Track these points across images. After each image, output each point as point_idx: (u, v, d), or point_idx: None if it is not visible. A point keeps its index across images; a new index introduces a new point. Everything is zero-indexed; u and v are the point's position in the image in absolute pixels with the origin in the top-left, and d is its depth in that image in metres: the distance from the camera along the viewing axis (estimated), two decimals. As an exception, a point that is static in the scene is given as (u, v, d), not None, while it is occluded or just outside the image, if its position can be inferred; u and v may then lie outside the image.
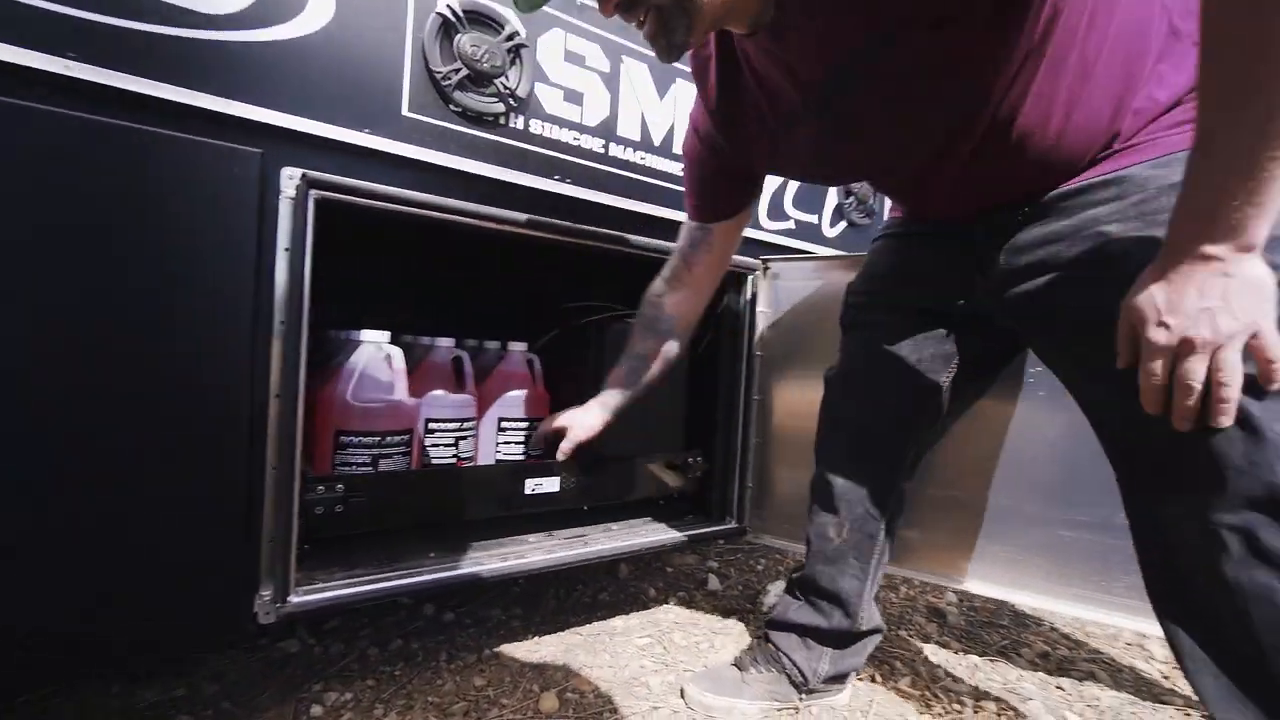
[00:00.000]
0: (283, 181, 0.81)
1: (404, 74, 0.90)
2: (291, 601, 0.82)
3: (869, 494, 0.98)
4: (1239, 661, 0.64)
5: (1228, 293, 0.53)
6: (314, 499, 0.90)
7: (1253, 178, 0.49)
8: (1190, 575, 0.66)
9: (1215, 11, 0.50)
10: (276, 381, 0.81)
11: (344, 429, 1.00)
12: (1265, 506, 0.58)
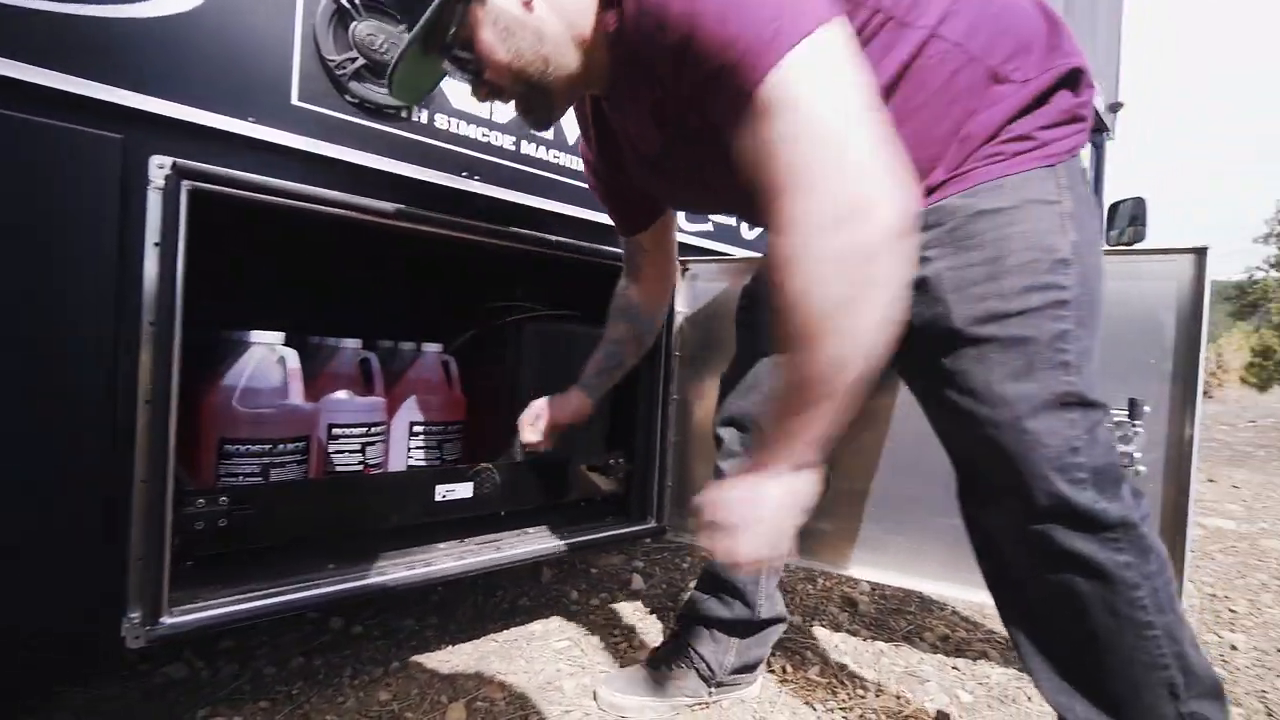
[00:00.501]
0: (151, 171, 0.75)
1: (293, 61, 0.86)
2: (165, 623, 0.76)
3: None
4: (1061, 655, 0.72)
5: (755, 501, 0.62)
6: (193, 513, 0.83)
7: (792, 426, 0.59)
8: (1019, 580, 0.73)
9: (779, 282, 0.56)
10: (146, 387, 0.75)
11: (229, 437, 0.94)
12: (1055, 513, 0.66)
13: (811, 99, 0.53)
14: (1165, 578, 0.68)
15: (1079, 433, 0.65)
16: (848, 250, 0.52)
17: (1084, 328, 0.68)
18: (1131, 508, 0.67)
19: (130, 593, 0.75)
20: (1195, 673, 0.67)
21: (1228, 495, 3.07)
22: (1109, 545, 0.66)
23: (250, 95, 0.82)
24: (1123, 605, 0.66)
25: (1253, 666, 1.24)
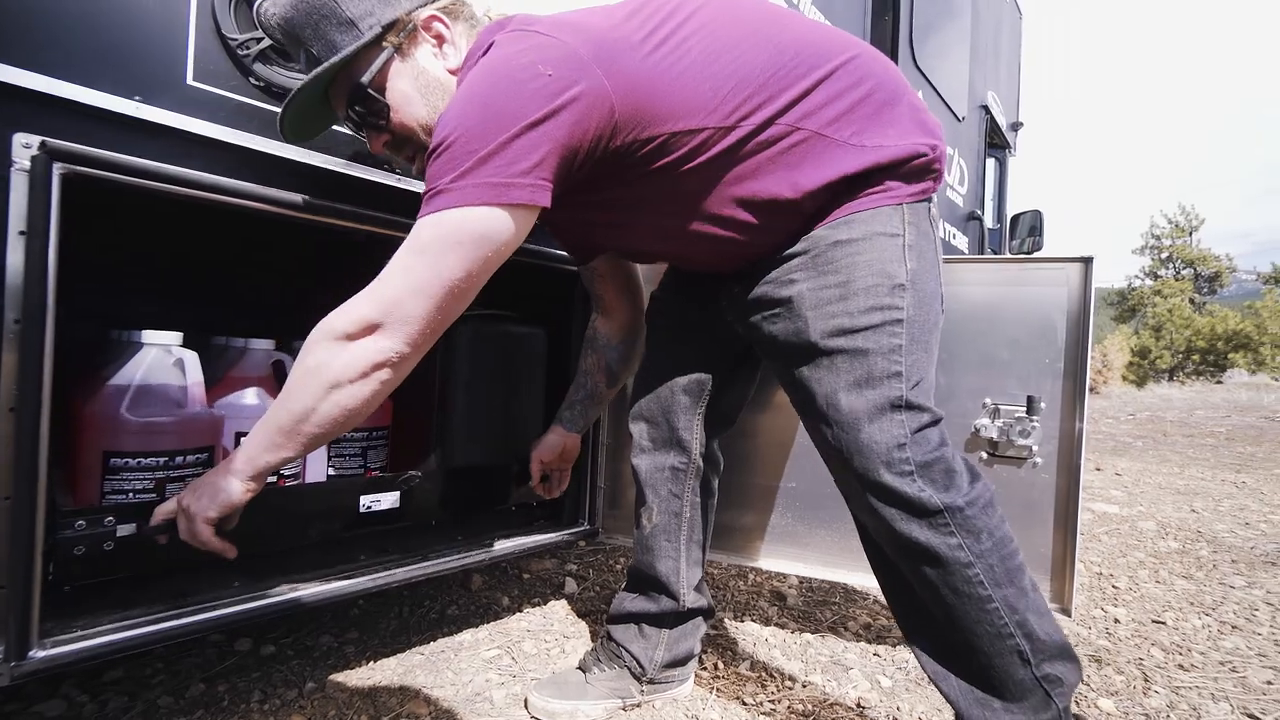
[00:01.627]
0: (15, 150, 0.67)
1: (188, 38, 0.79)
2: (36, 657, 0.68)
3: (669, 477, 1.03)
4: (929, 635, 0.80)
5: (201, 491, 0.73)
6: (72, 537, 0.74)
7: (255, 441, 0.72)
8: (887, 567, 0.83)
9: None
10: (10, 392, 0.67)
11: (115, 449, 0.85)
12: (888, 502, 0.75)
13: (432, 245, 0.70)
14: (1002, 554, 0.75)
15: (905, 433, 0.75)
16: (325, 372, 0.70)
17: (917, 344, 0.79)
18: (959, 495, 0.75)
19: (-9, 625, 0.67)
20: (1040, 638, 0.75)
21: (1112, 482, 3.38)
22: (940, 530, 0.74)
23: (137, 72, 0.75)
24: (960, 583, 0.74)
25: (1132, 637, 1.37)
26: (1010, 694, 0.75)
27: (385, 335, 0.70)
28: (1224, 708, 1.08)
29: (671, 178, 0.77)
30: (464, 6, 0.83)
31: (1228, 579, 1.79)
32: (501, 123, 0.66)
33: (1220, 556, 2.00)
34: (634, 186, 0.79)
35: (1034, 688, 0.74)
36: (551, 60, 0.68)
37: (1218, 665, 1.24)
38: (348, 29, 0.74)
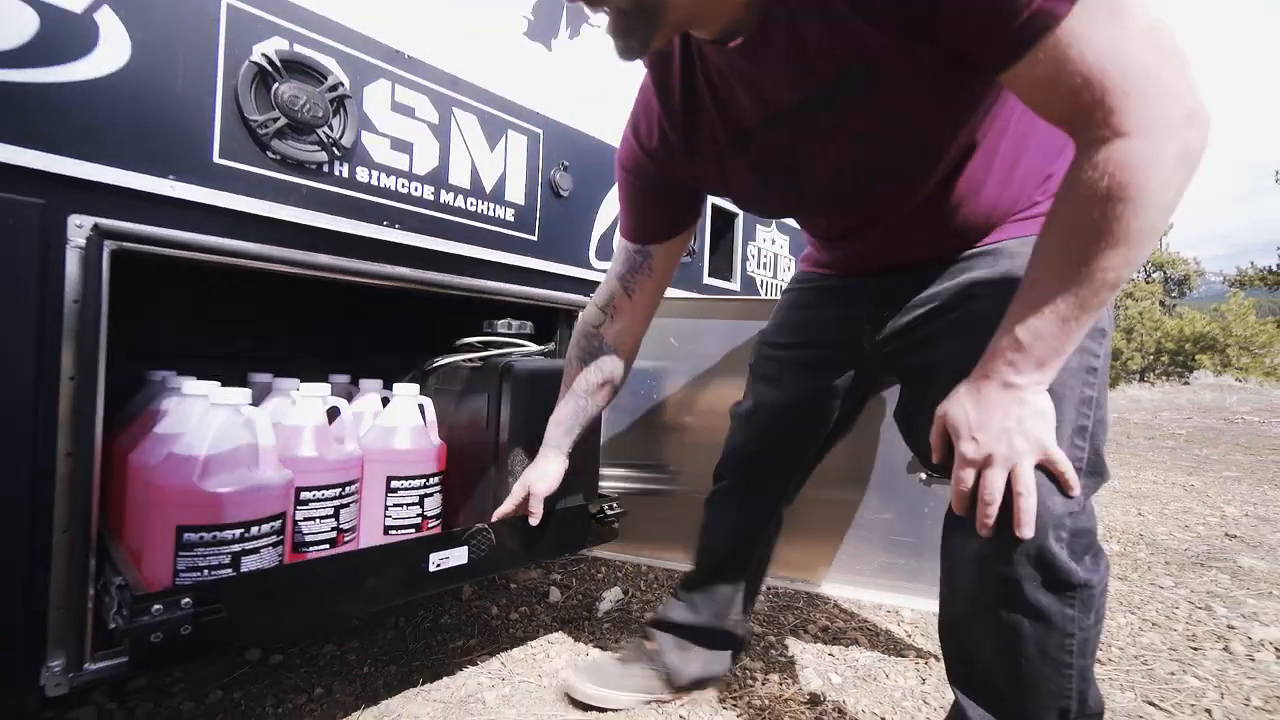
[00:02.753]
0: (70, 230, 0.77)
1: (214, 121, 0.90)
2: (89, 669, 0.78)
3: (753, 517, 1.12)
4: (988, 681, 0.77)
5: (1023, 418, 0.65)
6: (149, 624, 0.66)
7: (1061, 333, 0.62)
8: (978, 609, 0.76)
9: (1068, 208, 0.60)
10: (67, 439, 0.77)
11: (189, 523, 0.79)
12: (1040, 567, 0.69)
13: (1134, 8, 0.54)
14: (1096, 631, 0.73)
15: (1081, 498, 0.68)
16: (1190, 151, 0.55)
17: (1103, 396, 0.74)
18: (1095, 575, 0.70)
19: (50, 641, 0.77)
20: (1089, 704, 0.74)
21: (1070, 486, 3.56)
22: (1065, 600, 0.69)
23: (172, 155, 0.86)
24: (1053, 649, 0.71)
25: (1062, 635, 1.51)
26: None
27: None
28: (1129, 696, 1.23)
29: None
30: None
31: (1158, 579, 1.95)
32: None
33: (1156, 558, 2.17)
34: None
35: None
36: None
37: (1132, 659, 1.39)
38: None
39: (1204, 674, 1.33)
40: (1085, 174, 0.58)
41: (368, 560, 0.88)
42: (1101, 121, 0.56)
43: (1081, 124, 0.58)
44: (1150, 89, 0.54)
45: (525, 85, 1.32)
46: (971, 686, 0.79)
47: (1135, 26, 0.54)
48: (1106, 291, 0.60)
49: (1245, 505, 3.10)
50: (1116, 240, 0.57)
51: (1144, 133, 0.55)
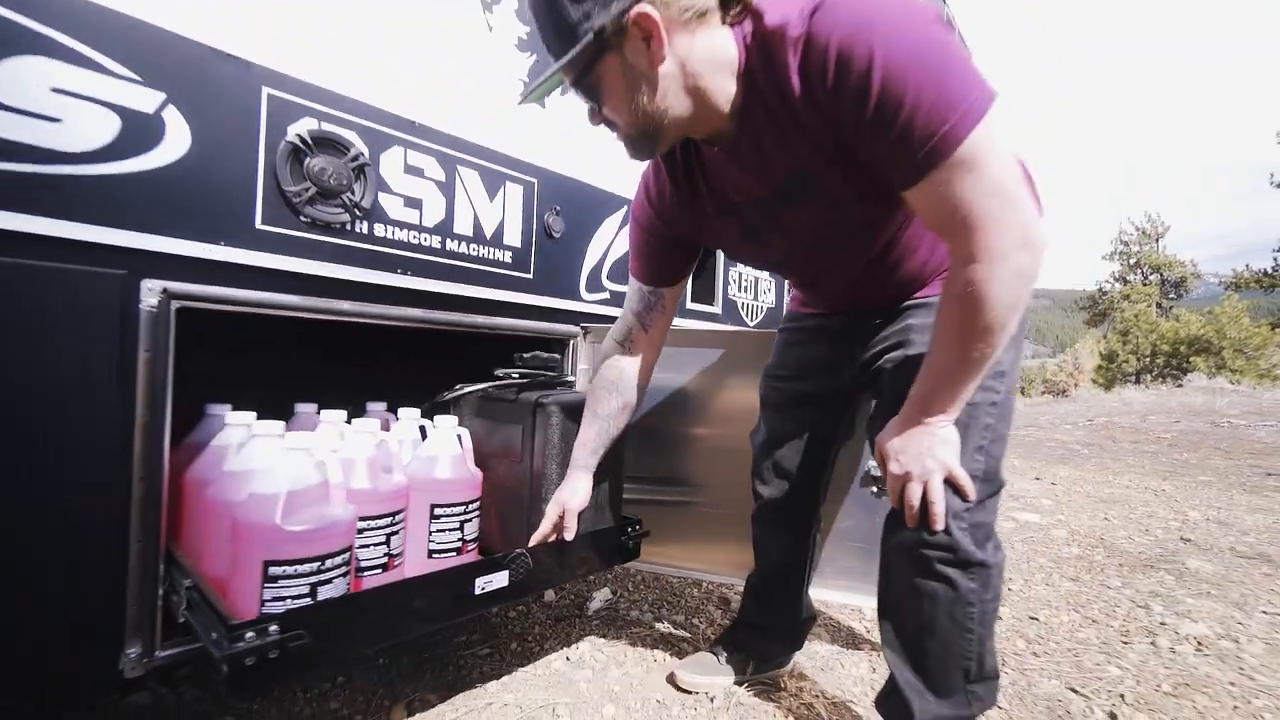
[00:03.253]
0: (143, 294, 0.93)
1: (257, 193, 1.06)
2: (159, 656, 0.95)
3: (796, 524, 1.31)
4: (905, 639, 1.00)
5: (933, 446, 0.89)
6: (244, 649, 0.74)
7: (952, 390, 0.85)
8: (897, 583, 0.99)
9: (945, 304, 0.82)
10: (140, 466, 0.94)
11: (275, 559, 0.86)
12: (946, 548, 0.91)
13: (994, 156, 0.72)
14: (994, 605, 0.96)
15: (975, 499, 0.90)
16: (1023, 270, 0.75)
17: (1003, 422, 0.97)
18: (991, 556, 0.93)
19: (128, 631, 0.93)
20: (986, 666, 0.97)
21: (1045, 491, 3.72)
22: (971, 574, 0.92)
23: (222, 225, 1.02)
24: (959, 614, 0.93)
25: (1006, 631, 1.67)
26: (943, 691, 0.97)
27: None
28: (1055, 684, 1.39)
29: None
30: None
31: (1109, 580, 2.11)
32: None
33: (1111, 561, 2.33)
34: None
35: (961, 695, 0.96)
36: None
37: (1065, 652, 1.56)
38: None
39: (1126, 664, 1.49)
40: (952, 281, 0.81)
41: (424, 586, 0.96)
42: (960, 247, 0.77)
43: (949, 243, 0.80)
44: (991, 228, 0.74)
45: (521, 140, 1.48)
46: (900, 649, 1.01)
47: (988, 179, 0.73)
48: (978, 363, 0.82)
49: (1209, 510, 3.26)
50: (975, 332, 0.80)
51: (986, 260, 0.75)
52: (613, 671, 1.38)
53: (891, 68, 0.70)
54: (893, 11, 0.72)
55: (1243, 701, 1.33)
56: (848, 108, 0.75)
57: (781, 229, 0.98)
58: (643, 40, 0.78)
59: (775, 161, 0.88)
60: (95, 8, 0.88)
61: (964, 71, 0.71)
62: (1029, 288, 0.78)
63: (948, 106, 0.70)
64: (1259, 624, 1.75)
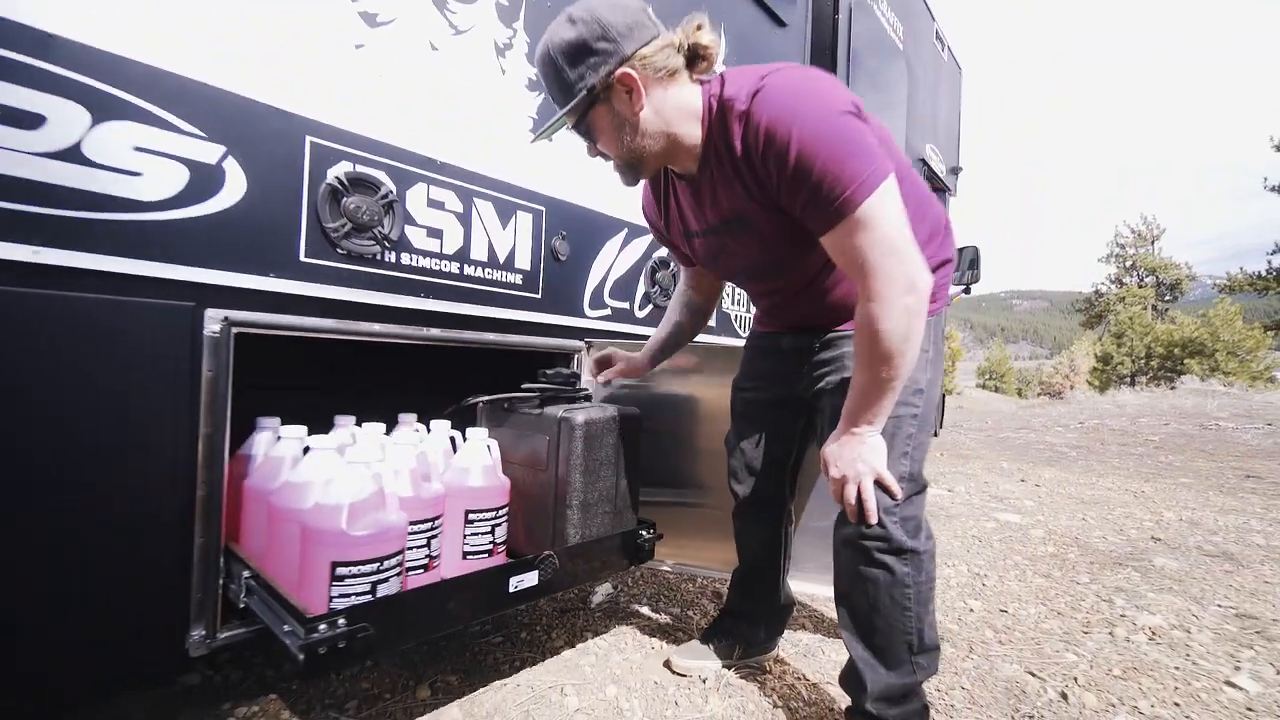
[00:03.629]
0: (207, 323, 1.07)
1: (301, 231, 1.20)
2: (220, 637, 1.09)
3: (769, 519, 1.45)
4: (859, 620, 1.15)
5: (864, 453, 1.05)
6: (317, 640, 0.86)
7: (875, 406, 1.02)
8: (847, 567, 1.15)
9: (855, 334, 0.99)
10: (203, 474, 1.07)
11: (342, 560, 0.98)
12: (880, 538, 1.08)
13: (887, 220, 0.92)
14: (928, 587, 1.12)
15: (903, 496, 1.08)
16: (909, 308, 0.93)
17: (923, 432, 1.14)
18: (921, 544, 1.10)
19: (192, 615, 1.07)
20: (925, 639, 1.13)
21: (1029, 493, 3.86)
22: (905, 560, 1.08)
23: (271, 258, 1.16)
24: (899, 595, 1.09)
25: (977, 622, 1.81)
26: (891, 664, 1.12)
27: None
28: (1015, 668, 1.53)
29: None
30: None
31: (1078, 577, 2.25)
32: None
33: (1083, 559, 2.47)
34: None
35: (907, 665, 1.12)
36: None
37: (1029, 641, 1.70)
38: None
39: (1083, 651, 1.63)
40: (857, 316, 0.99)
41: (467, 584, 1.09)
42: (860, 288, 0.97)
43: (855, 283, 0.98)
44: (879, 275, 0.94)
45: (530, 172, 1.62)
46: (853, 629, 1.17)
47: (878, 236, 0.93)
48: (888, 382, 0.99)
49: (1184, 510, 3.40)
50: (878, 358, 0.98)
51: (878, 300, 0.95)
52: (614, 657, 1.52)
53: (804, 147, 0.92)
54: (811, 101, 0.93)
55: (1183, 683, 1.48)
56: (771, 172, 0.97)
57: (728, 253, 1.20)
58: (625, 93, 1.01)
59: (723, 199, 1.09)
60: (169, 75, 1.03)
61: (863, 153, 0.91)
62: (918, 322, 0.96)
63: (848, 179, 0.91)
64: (1212, 616, 1.90)
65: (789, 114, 0.93)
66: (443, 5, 1.43)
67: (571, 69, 1.00)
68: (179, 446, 1.05)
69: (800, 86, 0.95)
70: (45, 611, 0.94)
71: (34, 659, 0.94)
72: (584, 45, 0.98)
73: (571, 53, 0.99)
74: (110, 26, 0.97)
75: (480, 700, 1.31)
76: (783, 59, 2.66)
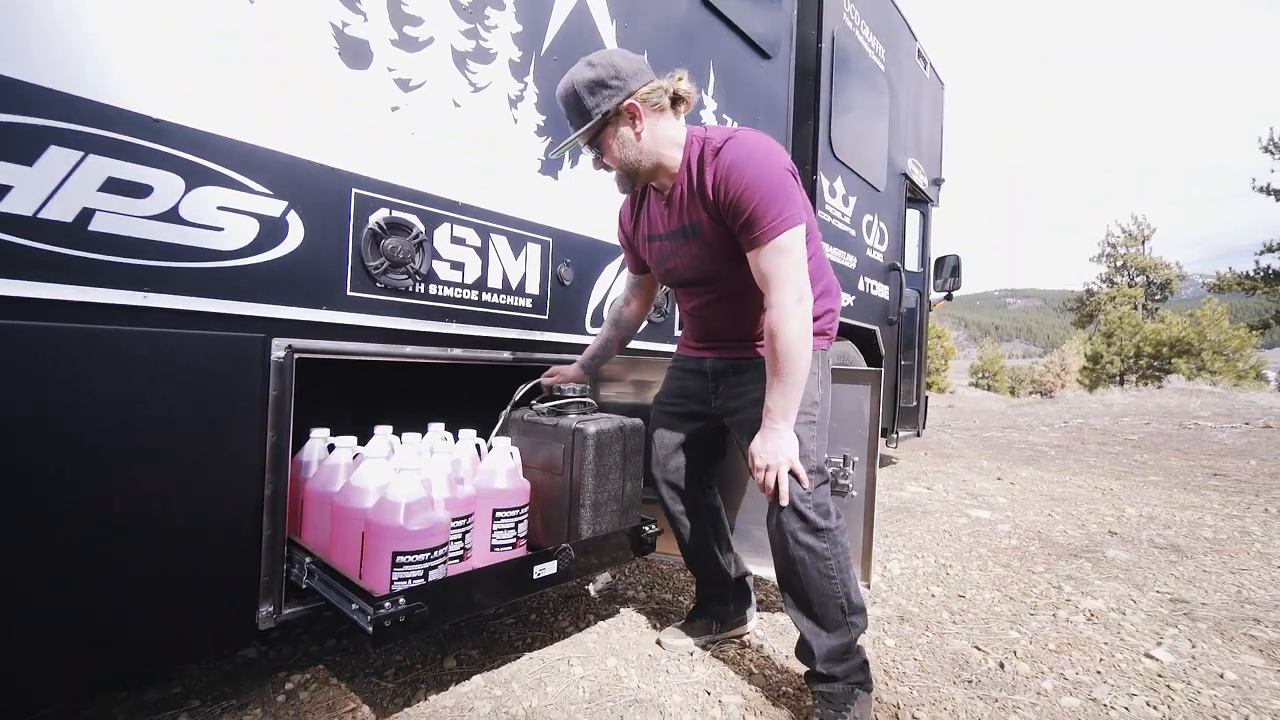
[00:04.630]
0: (273, 350, 1.28)
1: (347, 270, 1.41)
2: (285, 613, 1.30)
3: (702, 517, 1.67)
4: (797, 596, 1.39)
5: (780, 447, 1.29)
6: (385, 614, 1.07)
7: (786, 404, 1.28)
8: (779, 552, 1.39)
9: (773, 343, 1.26)
10: (271, 475, 1.28)
11: (401, 550, 1.18)
12: (799, 523, 1.34)
13: (794, 251, 1.25)
14: (846, 557, 1.37)
15: (811, 486, 1.34)
16: (800, 313, 1.24)
17: (821, 435, 1.42)
18: (833, 523, 1.36)
19: (261, 594, 1.28)
20: (853, 600, 1.37)
21: (1003, 490, 4.09)
22: (820, 538, 1.34)
23: (322, 293, 1.37)
24: (822, 566, 1.35)
25: (936, 606, 2.04)
26: (830, 627, 1.36)
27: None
28: (963, 643, 1.76)
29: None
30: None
31: (1034, 567, 2.48)
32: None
33: (1042, 551, 2.70)
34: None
35: (843, 625, 1.35)
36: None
37: (979, 620, 1.92)
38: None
39: (1025, 630, 1.86)
40: (765, 323, 1.28)
41: (500, 571, 1.31)
42: (768, 296, 1.27)
43: (764, 292, 1.29)
44: (780, 286, 1.26)
45: (539, 208, 1.83)
46: (795, 606, 1.40)
47: (783, 260, 1.26)
48: (793, 381, 1.27)
49: (1146, 507, 3.64)
50: (780, 358, 1.26)
51: (777, 307, 1.26)
52: (614, 635, 1.74)
53: (750, 183, 1.26)
54: (764, 155, 1.28)
55: (1108, 656, 1.70)
56: (721, 201, 1.30)
57: (678, 255, 1.47)
58: (630, 119, 1.34)
59: (686, 211, 1.40)
60: (243, 144, 1.23)
61: (789, 201, 1.26)
62: (807, 325, 1.26)
63: (774, 214, 1.25)
64: (1148, 600, 2.12)
65: (745, 158, 1.27)
66: (463, 66, 1.64)
67: (590, 98, 1.32)
68: (250, 453, 1.26)
69: (760, 143, 1.31)
70: (146, 589, 1.15)
71: (138, 630, 1.15)
72: (600, 81, 1.30)
73: (591, 86, 1.31)
74: (198, 107, 1.18)
75: (499, 669, 1.52)
76: (768, 89, 2.89)
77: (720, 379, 1.55)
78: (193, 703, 1.35)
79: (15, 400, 0.99)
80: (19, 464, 1.00)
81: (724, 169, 1.28)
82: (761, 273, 1.28)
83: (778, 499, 1.33)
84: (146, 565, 1.14)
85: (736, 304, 1.47)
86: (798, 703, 1.45)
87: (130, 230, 1.10)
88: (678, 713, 1.38)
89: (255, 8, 1.25)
